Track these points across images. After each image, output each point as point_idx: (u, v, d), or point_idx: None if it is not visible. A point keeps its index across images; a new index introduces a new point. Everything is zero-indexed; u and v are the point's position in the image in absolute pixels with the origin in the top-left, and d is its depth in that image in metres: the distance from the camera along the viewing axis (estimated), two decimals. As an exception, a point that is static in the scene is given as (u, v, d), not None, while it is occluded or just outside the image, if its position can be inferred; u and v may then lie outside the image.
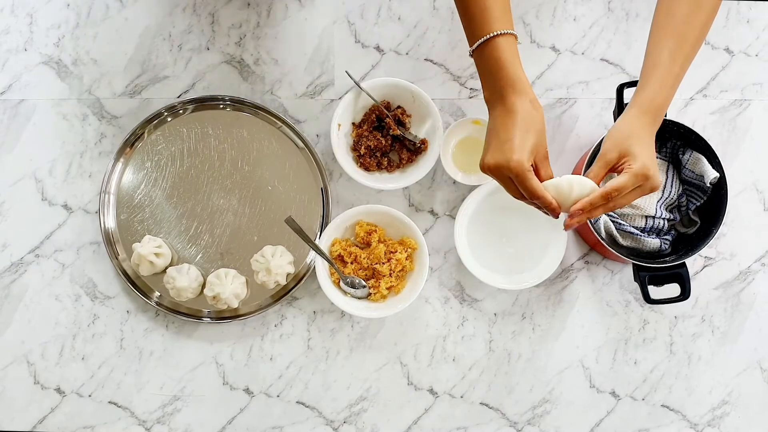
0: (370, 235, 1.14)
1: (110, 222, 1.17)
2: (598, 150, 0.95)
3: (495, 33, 0.91)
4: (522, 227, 1.16)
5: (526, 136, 0.89)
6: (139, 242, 1.14)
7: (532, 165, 0.90)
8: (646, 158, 0.90)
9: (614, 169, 0.92)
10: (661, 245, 1.08)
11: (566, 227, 0.92)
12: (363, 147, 1.16)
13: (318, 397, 1.16)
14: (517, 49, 0.92)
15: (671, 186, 1.10)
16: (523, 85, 0.91)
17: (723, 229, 1.17)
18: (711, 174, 1.05)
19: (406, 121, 1.17)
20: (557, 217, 0.92)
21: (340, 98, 1.19)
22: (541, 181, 0.91)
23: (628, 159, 0.90)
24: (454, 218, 1.15)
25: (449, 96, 1.21)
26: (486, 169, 0.92)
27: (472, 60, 0.95)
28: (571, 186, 0.90)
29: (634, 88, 0.95)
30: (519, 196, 0.92)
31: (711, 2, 0.95)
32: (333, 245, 1.14)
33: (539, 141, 0.90)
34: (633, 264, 1.07)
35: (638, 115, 0.92)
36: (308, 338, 1.17)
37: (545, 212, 0.92)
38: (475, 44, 0.93)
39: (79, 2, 1.22)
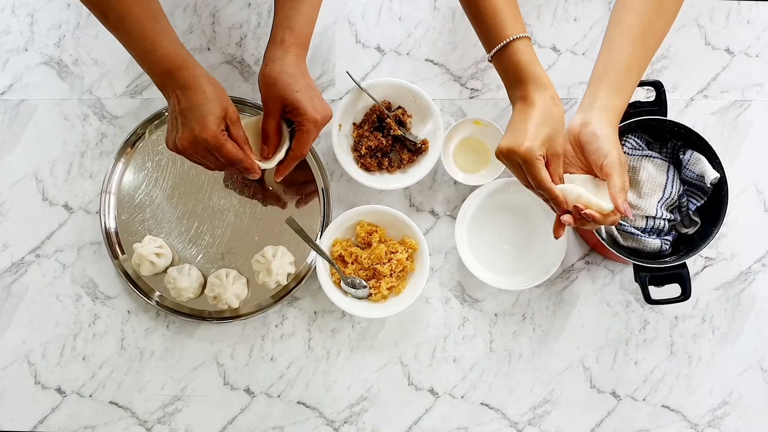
0: (370, 235, 1.14)
1: (111, 222, 1.17)
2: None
3: (511, 38, 0.92)
4: (523, 228, 1.16)
5: (540, 127, 0.90)
6: (140, 242, 1.14)
7: (543, 157, 0.91)
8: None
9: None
10: (661, 245, 1.09)
11: (558, 231, 0.94)
12: (364, 147, 1.16)
13: (319, 397, 1.16)
14: (533, 50, 0.94)
15: (672, 186, 1.10)
16: (544, 82, 0.92)
17: (723, 229, 1.17)
18: (711, 174, 1.05)
19: (407, 121, 1.18)
20: (562, 213, 0.92)
21: (340, 98, 1.19)
22: (552, 175, 0.92)
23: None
24: (455, 218, 1.15)
25: (450, 96, 1.21)
26: (499, 153, 0.92)
27: (472, 60, 0.96)
28: (580, 197, 0.91)
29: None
30: (527, 184, 0.93)
31: (673, 6, 0.97)
32: (334, 245, 1.14)
33: (554, 134, 0.91)
34: (633, 264, 1.07)
35: (616, 122, 0.94)
36: (309, 338, 1.17)
37: (551, 205, 0.93)
38: (493, 51, 0.94)
39: (80, 2, 1.22)
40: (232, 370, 1.17)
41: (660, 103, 1.10)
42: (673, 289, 1.08)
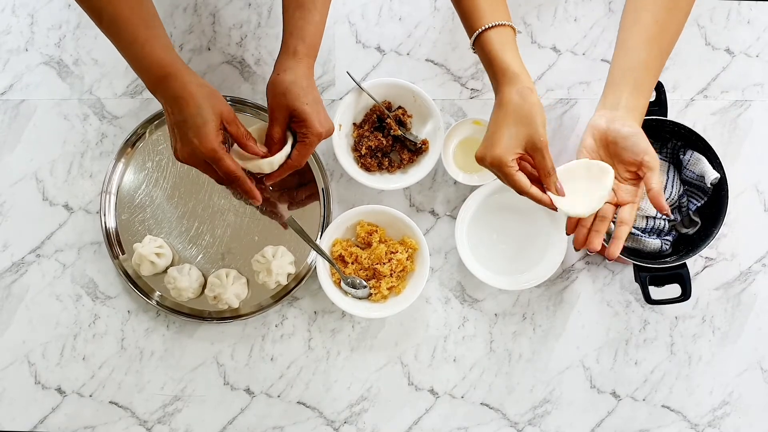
0: (371, 235, 1.14)
1: (111, 222, 1.17)
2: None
3: (487, 26, 0.92)
4: (523, 228, 1.16)
5: (512, 130, 0.90)
6: (140, 242, 1.14)
7: (526, 155, 0.92)
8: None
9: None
10: (661, 246, 1.09)
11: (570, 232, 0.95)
12: (364, 147, 1.16)
13: (319, 397, 1.16)
14: (511, 39, 0.93)
15: (672, 186, 1.10)
16: (513, 74, 0.91)
17: (723, 229, 1.17)
18: (712, 175, 1.05)
19: (407, 121, 1.18)
20: (556, 210, 0.93)
21: (341, 98, 1.19)
22: (539, 169, 0.92)
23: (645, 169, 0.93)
24: (455, 218, 1.15)
25: (450, 96, 1.21)
26: (477, 161, 0.94)
27: (472, 60, 0.96)
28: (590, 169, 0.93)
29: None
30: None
31: (685, 4, 0.97)
32: (334, 245, 1.14)
33: (529, 133, 0.90)
34: (634, 264, 1.07)
35: (641, 122, 0.94)
36: (309, 338, 1.17)
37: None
38: (471, 39, 0.94)
39: (80, 2, 1.22)
40: (232, 370, 1.17)
41: (660, 103, 1.10)
42: (674, 289, 1.08)
